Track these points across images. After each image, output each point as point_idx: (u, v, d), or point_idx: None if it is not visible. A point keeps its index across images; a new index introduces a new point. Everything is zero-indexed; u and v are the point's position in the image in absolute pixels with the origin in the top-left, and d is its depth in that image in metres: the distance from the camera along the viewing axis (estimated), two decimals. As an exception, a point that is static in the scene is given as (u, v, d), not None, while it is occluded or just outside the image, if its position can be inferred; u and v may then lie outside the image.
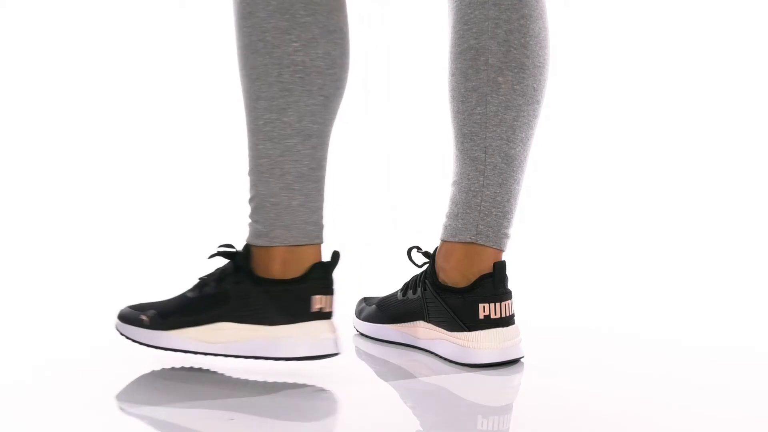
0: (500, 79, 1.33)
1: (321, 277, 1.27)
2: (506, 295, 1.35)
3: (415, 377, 1.31)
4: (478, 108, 1.35)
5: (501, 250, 1.38)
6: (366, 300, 1.58)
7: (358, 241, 2.41)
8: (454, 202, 1.39)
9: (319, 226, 1.29)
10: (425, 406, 1.18)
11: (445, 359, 1.37)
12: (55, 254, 2.36)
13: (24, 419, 1.10)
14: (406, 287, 1.47)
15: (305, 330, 1.25)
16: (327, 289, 1.27)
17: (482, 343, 1.32)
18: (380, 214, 2.57)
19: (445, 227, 1.40)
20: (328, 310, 1.27)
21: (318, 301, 1.26)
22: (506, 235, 1.38)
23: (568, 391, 1.22)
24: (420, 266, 1.47)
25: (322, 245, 1.31)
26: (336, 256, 1.29)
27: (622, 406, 1.16)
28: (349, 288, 1.64)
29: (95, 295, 1.93)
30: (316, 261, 1.28)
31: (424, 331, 1.42)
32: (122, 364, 1.36)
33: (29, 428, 1.07)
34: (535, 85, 1.35)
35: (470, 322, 1.33)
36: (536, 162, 1.43)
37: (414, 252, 1.48)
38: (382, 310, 1.50)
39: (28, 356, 1.43)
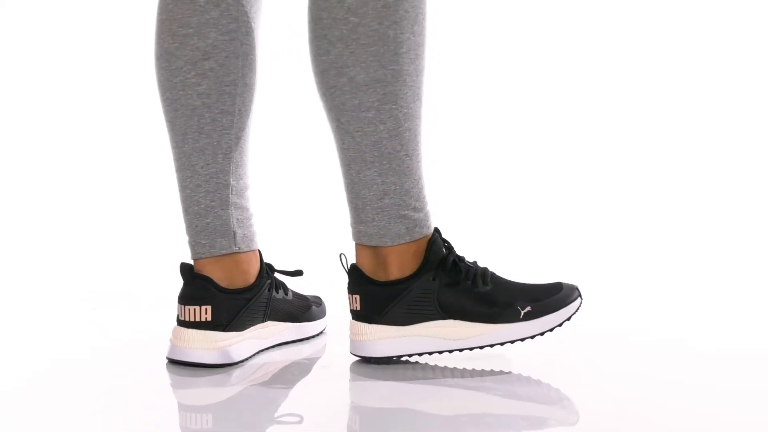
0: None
1: None
2: (351, 288, 1.32)
3: (415, 376, 1.30)
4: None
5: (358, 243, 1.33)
6: None
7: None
8: None
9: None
10: (424, 406, 1.18)
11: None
12: (55, 255, 2.37)
13: (24, 419, 1.10)
14: None
15: None
16: None
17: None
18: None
19: None
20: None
21: None
22: (358, 222, 1.32)
23: (568, 389, 1.23)
24: None
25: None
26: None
27: (621, 405, 1.16)
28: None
29: (95, 295, 1.93)
30: None
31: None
32: (123, 365, 1.37)
33: (29, 428, 1.08)
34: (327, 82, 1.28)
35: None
36: (531, 162, 1.40)
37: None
38: None
39: (28, 357, 1.44)
